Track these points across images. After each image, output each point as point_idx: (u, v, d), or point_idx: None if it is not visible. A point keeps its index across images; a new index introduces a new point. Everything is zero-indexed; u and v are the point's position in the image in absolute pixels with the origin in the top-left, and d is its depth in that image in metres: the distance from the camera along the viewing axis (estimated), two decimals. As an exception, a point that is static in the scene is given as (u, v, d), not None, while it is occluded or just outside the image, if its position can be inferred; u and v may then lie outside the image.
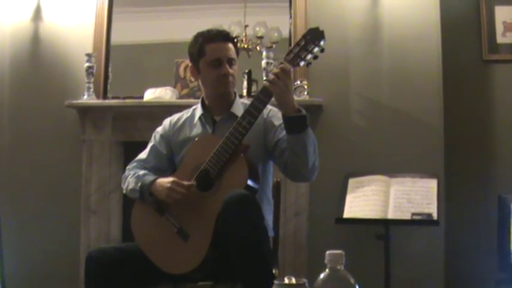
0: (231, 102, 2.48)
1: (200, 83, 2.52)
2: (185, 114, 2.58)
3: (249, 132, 2.27)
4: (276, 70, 2.25)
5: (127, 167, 2.52)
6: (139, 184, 2.36)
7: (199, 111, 2.51)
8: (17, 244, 3.61)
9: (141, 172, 2.43)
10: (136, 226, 2.38)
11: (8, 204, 3.72)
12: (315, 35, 2.27)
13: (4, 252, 3.07)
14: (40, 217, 3.75)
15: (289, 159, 2.28)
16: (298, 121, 2.22)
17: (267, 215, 2.33)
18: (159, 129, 2.58)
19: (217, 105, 2.49)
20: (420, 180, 3.15)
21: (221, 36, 2.45)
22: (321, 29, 2.28)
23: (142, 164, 2.49)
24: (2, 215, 3.14)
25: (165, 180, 2.30)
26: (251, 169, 2.24)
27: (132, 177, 2.42)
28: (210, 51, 2.42)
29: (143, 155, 2.53)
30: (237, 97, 2.52)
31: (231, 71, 2.42)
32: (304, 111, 2.24)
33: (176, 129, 2.54)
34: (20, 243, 3.66)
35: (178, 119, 2.57)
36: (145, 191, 2.33)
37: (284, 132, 2.33)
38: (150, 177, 2.37)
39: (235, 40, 2.56)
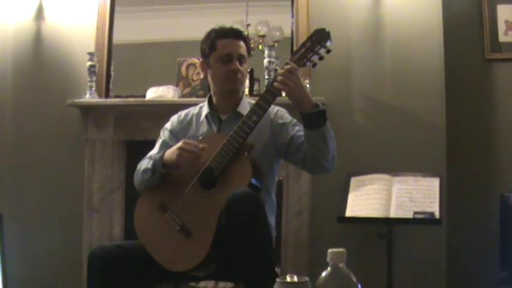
0: (238, 101, 2.49)
1: (209, 78, 2.53)
2: (192, 110, 2.59)
3: (255, 132, 2.29)
4: (281, 71, 2.25)
5: (138, 164, 2.50)
6: (151, 163, 2.36)
7: (205, 109, 2.52)
8: (20, 243, 3.62)
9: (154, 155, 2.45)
10: (139, 223, 2.39)
11: (11, 203, 3.72)
12: (321, 36, 2.28)
13: (7, 251, 3.08)
14: (42, 216, 3.76)
15: (308, 153, 2.29)
16: (317, 116, 2.23)
17: (269, 216, 2.32)
18: (167, 126, 2.59)
19: (224, 103, 2.50)
20: (422, 179, 3.15)
21: (234, 33, 2.47)
22: (327, 30, 2.28)
23: None
24: (5, 213, 3.14)
25: (175, 145, 2.31)
26: (255, 168, 2.24)
27: (143, 164, 2.42)
28: (221, 47, 2.43)
29: (154, 151, 2.53)
30: (244, 96, 2.53)
31: (240, 68, 2.43)
32: (322, 106, 2.25)
33: (183, 126, 2.55)
34: (22, 241, 3.67)
35: (186, 116, 2.58)
36: (158, 163, 2.32)
37: (296, 128, 2.36)
38: (160, 154, 2.38)
39: (248, 39, 2.57)
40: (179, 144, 2.28)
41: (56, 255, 3.71)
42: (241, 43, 2.46)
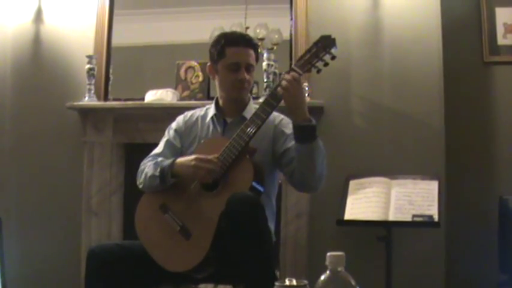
0: (244, 106, 2.49)
1: (216, 84, 2.53)
2: (198, 111, 2.59)
3: (259, 137, 2.29)
4: (287, 77, 2.25)
5: (141, 163, 2.50)
6: (158, 169, 2.35)
7: (212, 111, 2.52)
8: (19, 245, 3.62)
9: (159, 159, 2.43)
10: (139, 223, 2.39)
11: (10, 206, 3.72)
12: (326, 42, 2.29)
13: (5, 254, 3.08)
14: (41, 218, 3.76)
15: (296, 168, 2.28)
16: (307, 130, 2.23)
17: (269, 221, 2.31)
18: (173, 125, 2.59)
19: (230, 108, 2.50)
20: (421, 182, 3.15)
21: (243, 41, 2.46)
22: (332, 36, 2.29)
23: (158, 158, 2.49)
24: (4, 216, 3.15)
25: (188, 159, 2.29)
26: (257, 171, 2.24)
27: (149, 167, 2.41)
28: (230, 55, 2.42)
29: (158, 149, 2.52)
30: (251, 101, 2.53)
31: (247, 77, 2.43)
32: (314, 121, 2.25)
33: (188, 125, 2.55)
34: (21, 244, 3.66)
35: (192, 116, 2.58)
36: (167, 173, 2.31)
37: (293, 142, 2.34)
38: (168, 160, 2.36)
39: (257, 46, 2.56)
40: (193, 162, 2.26)
41: (54, 257, 3.70)
42: (251, 51, 2.45)
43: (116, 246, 2.35)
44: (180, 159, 2.33)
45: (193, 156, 2.28)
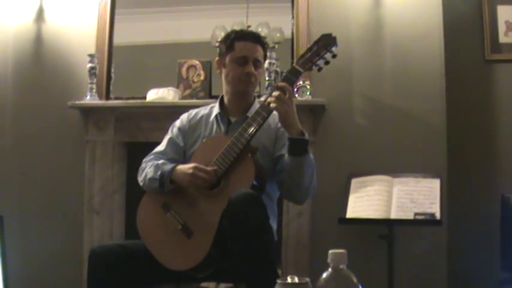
0: (249, 105, 2.50)
1: (223, 78, 2.54)
2: (202, 110, 2.60)
3: (262, 136, 2.30)
4: (277, 90, 2.26)
5: (144, 160, 2.52)
6: (158, 173, 2.36)
7: (216, 110, 2.53)
8: (21, 244, 3.62)
9: (160, 161, 2.44)
10: (141, 222, 2.40)
11: (12, 205, 3.72)
12: (327, 41, 2.32)
13: (7, 253, 3.07)
14: (43, 217, 3.76)
15: (285, 180, 2.30)
16: (299, 144, 2.23)
17: (271, 221, 2.32)
18: (177, 123, 2.60)
19: (235, 106, 2.51)
20: (423, 180, 3.15)
21: (253, 37, 2.50)
22: (333, 35, 2.30)
23: (160, 156, 2.50)
24: (6, 215, 3.14)
25: (186, 167, 2.30)
26: (258, 170, 2.25)
27: (150, 167, 2.42)
28: (238, 48, 2.45)
29: (160, 147, 2.54)
30: (256, 101, 2.54)
31: (254, 72, 2.44)
32: (307, 136, 2.25)
33: (192, 124, 2.56)
34: (23, 243, 3.67)
35: (196, 115, 2.59)
36: (166, 179, 2.33)
37: None
38: (169, 165, 2.37)
39: (266, 45, 2.59)
40: (190, 170, 2.27)
41: (57, 256, 3.71)
42: (259, 48, 2.48)
43: (118, 247, 2.35)
44: (179, 167, 2.34)
45: (192, 165, 2.29)
